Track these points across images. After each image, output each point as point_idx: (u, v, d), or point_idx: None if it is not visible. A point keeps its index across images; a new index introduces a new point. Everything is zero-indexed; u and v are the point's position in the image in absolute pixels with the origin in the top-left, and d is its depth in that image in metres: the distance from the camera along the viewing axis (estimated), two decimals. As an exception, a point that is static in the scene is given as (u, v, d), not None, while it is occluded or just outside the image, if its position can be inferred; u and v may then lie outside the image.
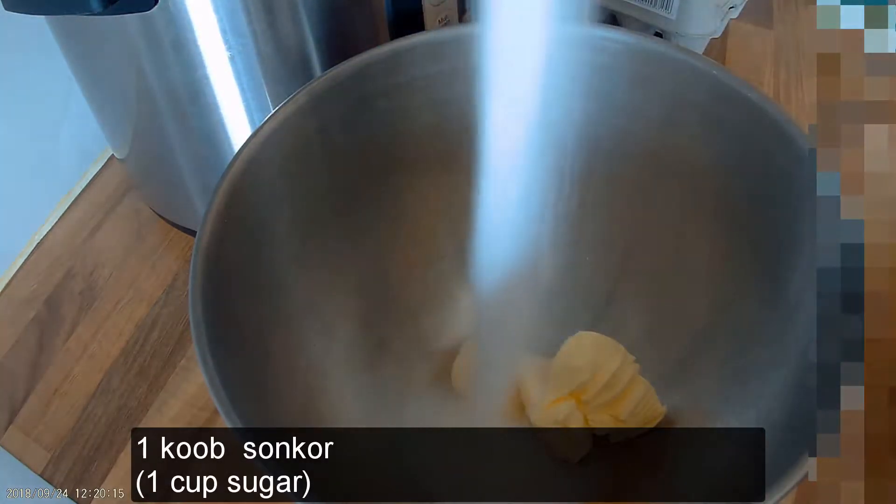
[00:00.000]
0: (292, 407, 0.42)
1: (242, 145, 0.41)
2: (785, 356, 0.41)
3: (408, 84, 0.45)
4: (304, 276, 0.46)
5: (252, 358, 0.40)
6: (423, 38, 0.44)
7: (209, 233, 0.39)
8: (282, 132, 0.42)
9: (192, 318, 0.36)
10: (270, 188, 0.43)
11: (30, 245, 0.64)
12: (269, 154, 0.42)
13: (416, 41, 0.44)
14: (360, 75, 0.44)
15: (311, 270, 0.46)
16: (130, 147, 0.58)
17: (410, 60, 0.44)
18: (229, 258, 0.40)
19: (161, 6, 0.45)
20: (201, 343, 0.35)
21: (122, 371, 0.58)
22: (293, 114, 0.43)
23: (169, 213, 0.62)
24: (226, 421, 0.33)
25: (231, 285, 0.40)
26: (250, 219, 0.42)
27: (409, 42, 0.44)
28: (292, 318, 0.45)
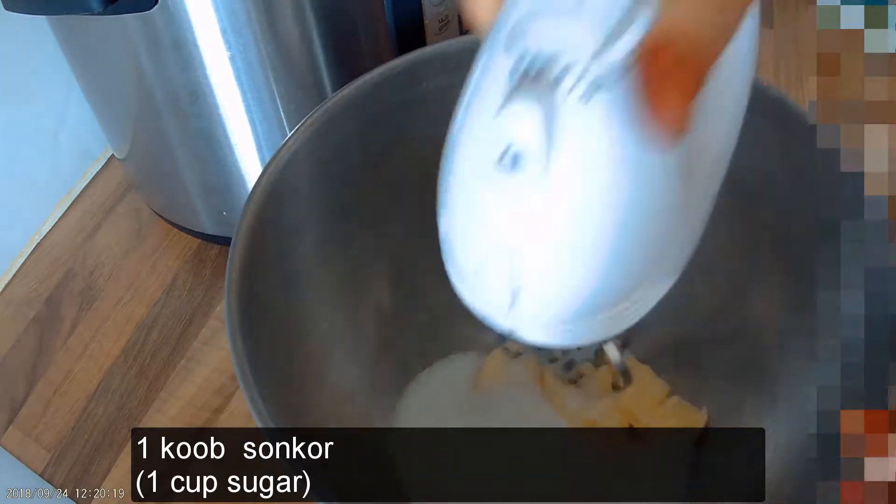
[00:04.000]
0: (321, 413, 0.43)
1: (265, 167, 0.41)
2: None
3: (422, 97, 0.45)
4: (329, 293, 0.46)
5: (283, 374, 0.41)
6: (436, 50, 0.44)
7: (240, 257, 0.39)
8: (303, 152, 0.42)
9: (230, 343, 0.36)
10: (294, 207, 0.43)
11: (30, 245, 0.64)
12: (292, 172, 0.42)
13: (429, 53, 0.44)
14: (378, 88, 0.44)
15: (336, 291, 0.46)
16: (130, 147, 0.58)
17: (424, 74, 0.44)
18: (261, 272, 0.40)
19: (161, 6, 0.45)
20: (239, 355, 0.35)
21: (122, 371, 0.58)
22: (312, 134, 0.42)
23: (169, 213, 0.62)
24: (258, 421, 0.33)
25: (262, 308, 0.40)
26: (276, 244, 0.42)
27: (422, 55, 0.44)
28: (319, 340, 0.45)
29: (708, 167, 0.26)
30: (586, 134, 0.21)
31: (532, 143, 0.21)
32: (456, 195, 0.24)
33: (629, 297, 0.24)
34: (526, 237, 0.22)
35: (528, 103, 0.21)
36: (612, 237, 0.22)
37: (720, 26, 0.21)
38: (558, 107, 0.21)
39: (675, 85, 0.20)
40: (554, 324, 0.24)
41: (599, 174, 0.21)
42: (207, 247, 0.63)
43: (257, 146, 0.53)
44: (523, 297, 0.23)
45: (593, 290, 0.23)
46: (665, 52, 0.21)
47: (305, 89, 0.52)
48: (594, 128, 0.21)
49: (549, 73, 0.21)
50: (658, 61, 0.21)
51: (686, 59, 0.20)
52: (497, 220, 0.23)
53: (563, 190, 0.22)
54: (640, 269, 0.24)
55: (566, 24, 0.21)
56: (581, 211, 0.22)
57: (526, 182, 0.21)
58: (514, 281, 0.23)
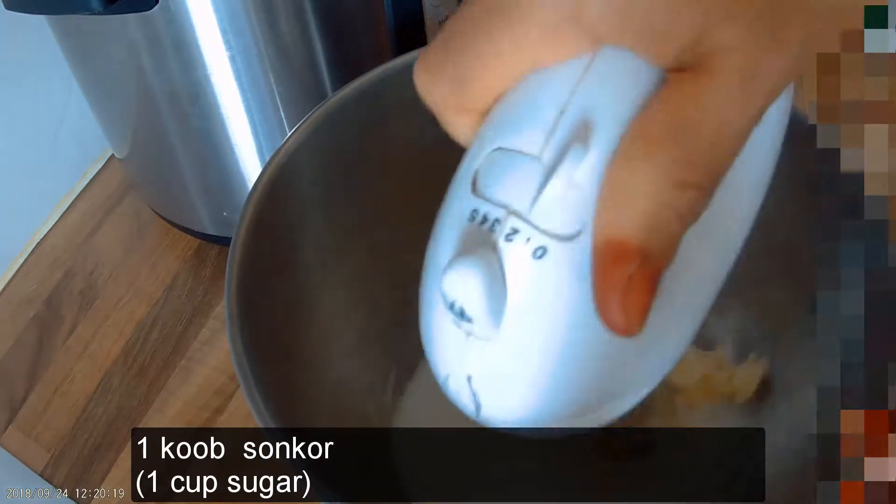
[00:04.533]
0: (321, 413, 0.43)
1: (265, 166, 0.41)
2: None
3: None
4: (329, 293, 0.46)
5: (283, 373, 0.41)
6: None
7: (240, 257, 0.39)
8: (303, 151, 0.42)
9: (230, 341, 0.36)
10: (294, 207, 0.43)
11: (30, 245, 0.64)
12: (291, 172, 0.42)
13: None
14: (378, 88, 0.44)
15: (336, 288, 0.46)
16: (130, 147, 0.58)
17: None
18: (261, 272, 0.40)
19: (161, 6, 0.45)
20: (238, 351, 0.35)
21: (121, 371, 0.58)
22: (312, 133, 0.42)
23: (169, 213, 0.62)
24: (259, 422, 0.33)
25: (262, 308, 0.40)
26: (276, 243, 0.42)
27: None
28: (320, 339, 0.45)
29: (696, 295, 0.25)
30: (535, 288, 0.21)
31: (475, 299, 0.21)
32: (425, 308, 0.24)
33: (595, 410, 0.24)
34: (479, 368, 0.23)
35: (472, 260, 0.21)
36: (562, 375, 0.22)
37: (673, 234, 0.19)
38: (506, 258, 0.21)
39: (625, 303, 0.19)
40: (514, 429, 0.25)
41: (545, 323, 0.21)
42: (207, 247, 0.63)
43: (257, 146, 0.53)
44: (484, 408, 0.24)
45: (540, 411, 0.23)
46: (610, 259, 0.19)
47: (306, 89, 0.52)
48: (545, 283, 0.21)
49: (500, 229, 0.21)
50: (604, 270, 0.20)
51: (640, 270, 0.19)
52: (453, 345, 0.23)
53: (510, 339, 0.22)
54: (604, 390, 0.24)
55: (519, 183, 0.21)
56: (523, 355, 0.22)
57: (473, 328, 0.22)
58: (474, 399, 0.24)
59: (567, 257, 0.21)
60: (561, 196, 0.20)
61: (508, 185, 0.21)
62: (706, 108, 0.18)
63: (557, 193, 0.20)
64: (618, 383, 0.24)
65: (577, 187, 0.20)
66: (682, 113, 0.18)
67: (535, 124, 0.21)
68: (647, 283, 0.19)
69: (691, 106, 0.18)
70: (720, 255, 0.26)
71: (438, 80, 0.22)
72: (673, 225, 0.18)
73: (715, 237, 0.25)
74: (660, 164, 0.18)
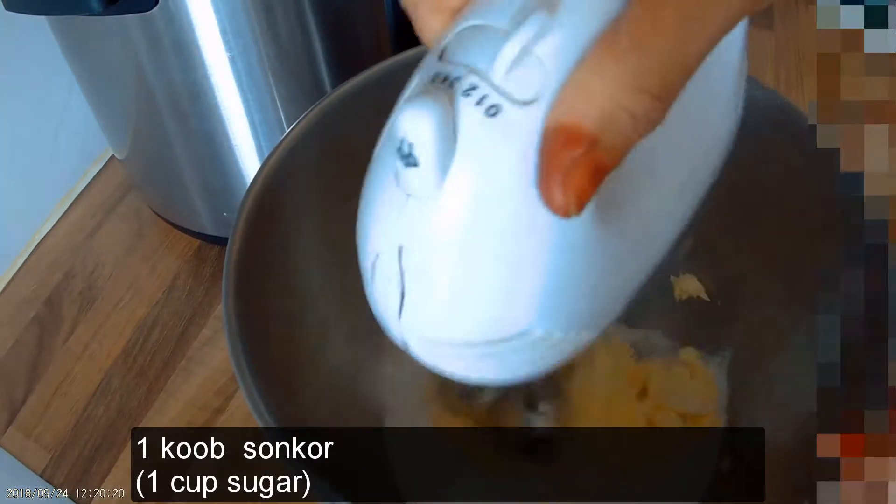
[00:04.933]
0: (321, 409, 0.43)
1: (263, 163, 0.41)
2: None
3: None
4: (326, 290, 0.46)
5: (281, 363, 0.41)
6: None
7: (237, 254, 0.39)
8: (301, 148, 0.42)
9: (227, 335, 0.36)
10: (292, 205, 0.43)
11: (30, 245, 0.64)
12: (289, 169, 0.42)
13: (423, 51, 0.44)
14: (377, 85, 0.44)
15: (334, 287, 0.46)
16: (130, 147, 0.58)
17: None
18: (258, 271, 0.40)
19: (161, 6, 0.45)
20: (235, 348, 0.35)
21: (122, 371, 0.58)
22: (310, 130, 0.42)
23: (169, 214, 0.62)
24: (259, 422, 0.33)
25: (261, 307, 0.40)
26: (273, 242, 0.42)
27: (421, 53, 0.44)
28: (319, 339, 0.45)
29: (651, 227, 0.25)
30: (484, 146, 0.21)
31: (425, 139, 0.20)
32: (366, 192, 0.24)
33: (523, 337, 0.23)
34: (412, 236, 0.22)
35: (428, 99, 0.21)
36: (500, 262, 0.22)
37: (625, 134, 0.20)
38: (460, 111, 0.21)
39: (566, 182, 0.20)
40: (440, 344, 0.24)
41: (493, 193, 0.21)
42: (207, 247, 0.63)
43: (257, 147, 0.53)
44: (408, 302, 0.23)
45: (474, 313, 0.23)
46: (561, 140, 0.20)
47: (305, 90, 0.52)
48: (494, 144, 0.21)
49: (459, 85, 0.21)
50: (552, 148, 0.20)
51: (586, 155, 0.20)
52: (390, 213, 0.23)
53: (452, 197, 0.21)
54: (532, 309, 0.23)
55: (483, 48, 0.21)
56: (467, 224, 0.21)
57: (417, 178, 0.21)
58: (400, 282, 0.23)
59: (519, 122, 0.21)
60: (519, 60, 0.21)
61: (473, 50, 0.22)
62: (665, 26, 0.19)
63: (516, 56, 0.21)
64: (558, 302, 0.23)
65: (536, 57, 0.21)
66: (645, 27, 0.20)
67: (506, 4, 0.22)
68: (590, 169, 0.20)
69: (652, 23, 0.20)
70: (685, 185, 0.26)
71: None
72: (626, 125, 0.20)
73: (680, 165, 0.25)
74: (621, 69, 0.20)
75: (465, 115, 0.21)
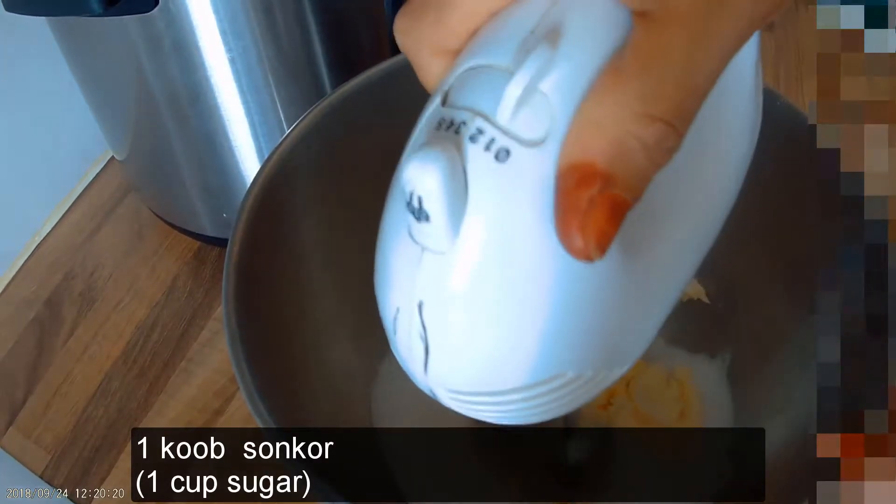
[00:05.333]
0: (321, 409, 0.43)
1: (263, 164, 0.41)
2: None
3: (421, 95, 0.45)
4: (325, 291, 0.46)
5: (281, 363, 0.41)
6: None
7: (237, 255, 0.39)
8: (301, 148, 0.42)
9: (227, 331, 0.36)
10: (292, 205, 0.43)
11: (30, 246, 0.64)
12: (289, 169, 0.42)
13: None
14: (377, 85, 0.44)
15: (331, 286, 0.46)
16: (130, 149, 0.58)
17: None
18: (259, 272, 0.40)
19: (161, 8, 0.45)
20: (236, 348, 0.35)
21: (121, 372, 0.58)
22: (310, 131, 0.42)
23: (169, 215, 0.62)
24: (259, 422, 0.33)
25: (261, 295, 0.40)
26: (273, 242, 0.42)
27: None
28: (319, 339, 0.45)
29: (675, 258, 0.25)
30: (497, 193, 0.20)
31: (434, 193, 0.20)
32: (381, 245, 0.24)
33: (552, 381, 0.23)
34: (431, 290, 0.22)
35: (435, 150, 0.20)
36: (522, 310, 0.21)
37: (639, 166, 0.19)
38: (468, 158, 0.20)
39: (584, 225, 0.19)
40: (469, 394, 0.23)
41: (510, 241, 0.20)
42: (207, 248, 0.63)
43: (257, 148, 0.53)
44: (433, 357, 0.23)
45: (500, 363, 0.22)
46: (574, 180, 0.19)
47: (305, 91, 0.52)
48: (507, 190, 0.20)
49: (465, 130, 0.21)
50: (566, 189, 0.19)
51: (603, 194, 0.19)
52: (407, 267, 0.22)
53: (468, 250, 0.21)
54: (559, 354, 0.22)
55: (487, 90, 0.21)
56: (486, 274, 0.21)
57: (430, 232, 0.21)
58: (424, 336, 0.22)
59: (531, 164, 0.20)
60: (524, 99, 0.20)
61: (477, 93, 0.21)
62: (671, 48, 0.19)
63: (521, 95, 0.20)
64: (580, 347, 0.23)
65: (542, 94, 0.20)
66: (650, 51, 0.19)
67: (506, 42, 0.21)
68: (608, 208, 0.19)
69: (658, 46, 0.19)
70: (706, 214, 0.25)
71: (419, 17, 0.23)
72: (639, 156, 0.19)
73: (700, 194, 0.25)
74: (628, 97, 0.19)
75: (473, 162, 0.20)
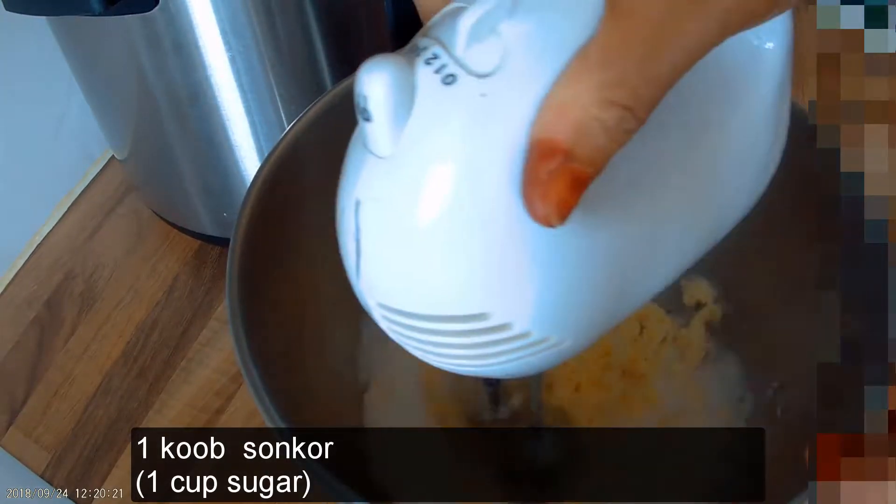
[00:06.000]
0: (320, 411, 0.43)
1: (264, 161, 0.41)
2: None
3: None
4: (327, 289, 0.46)
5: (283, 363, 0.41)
6: None
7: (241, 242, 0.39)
8: (301, 145, 0.42)
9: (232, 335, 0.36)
10: (293, 200, 0.43)
11: (30, 246, 0.64)
12: (290, 166, 0.42)
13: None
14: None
15: (334, 283, 0.46)
16: (130, 148, 0.58)
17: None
18: (261, 271, 0.40)
19: (162, 7, 0.45)
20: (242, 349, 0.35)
21: (122, 372, 0.58)
22: (310, 128, 0.42)
23: (169, 215, 0.62)
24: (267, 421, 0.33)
25: (264, 293, 0.40)
26: (278, 232, 0.42)
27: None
28: (323, 336, 0.45)
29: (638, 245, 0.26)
30: (439, 111, 0.22)
31: (378, 95, 0.21)
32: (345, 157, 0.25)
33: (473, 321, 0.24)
34: (367, 190, 0.23)
35: (387, 59, 0.22)
36: (448, 231, 0.22)
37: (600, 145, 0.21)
38: (418, 76, 0.22)
39: (545, 193, 0.21)
40: (394, 311, 0.24)
41: (446, 160, 0.22)
42: (208, 248, 0.63)
43: (258, 147, 0.53)
44: (364, 259, 0.24)
45: (421, 279, 0.23)
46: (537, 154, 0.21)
47: (306, 90, 0.52)
48: (449, 110, 0.22)
49: (424, 54, 0.22)
50: (532, 163, 0.21)
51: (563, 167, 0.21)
52: (353, 169, 0.24)
53: (405, 156, 0.22)
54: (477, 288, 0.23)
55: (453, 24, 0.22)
56: (419, 184, 0.22)
57: (372, 133, 0.22)
58: (356, 237, 0.24)
59: (473, 92, 0.22)
60: (480, 35, 0.22)
61: (446, 26, 0.23)
62: (634, 41, 0.21)
63: (472, 28, 0.22)
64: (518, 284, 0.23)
65: (497, 34, 0.22)
66: (614, 42, 0.21)
67: None
68: (568, 180, 0.21)
69: (622, 37, 0.21)
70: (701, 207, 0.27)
71: None
72: (599, 135, 0.21)
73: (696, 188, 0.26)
74: (592, 82, 0.21)
75: (423, 80, 0.22)
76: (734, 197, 0.28)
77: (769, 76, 0.27)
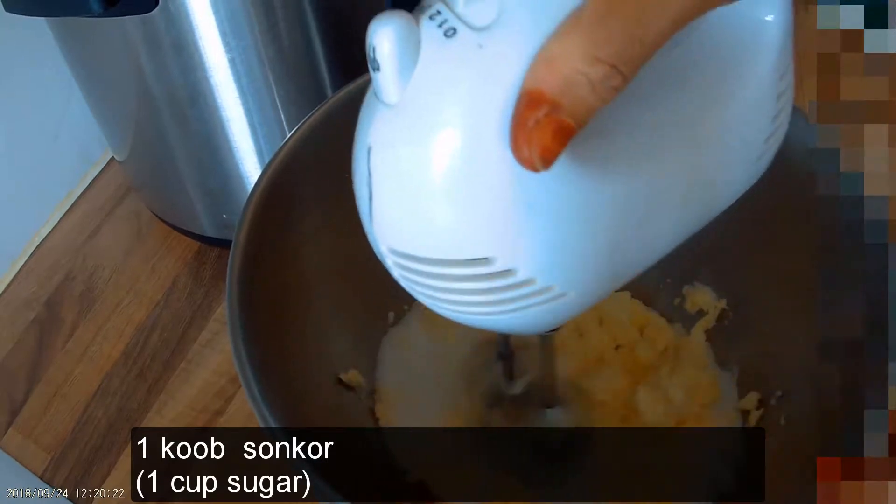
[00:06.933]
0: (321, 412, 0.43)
1: (265, 167, 0.42)
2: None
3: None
4: (328, 293, 0.46)
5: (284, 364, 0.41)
6: None
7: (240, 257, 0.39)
8: (303, 151, 0.42)
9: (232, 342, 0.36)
10: (294, 206, 0.43)
11: (30, 247, 0.64)
12: (292, 172, 0.42)
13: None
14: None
15: (338, 289, 0.47)
16: (130, 149, 0.58)
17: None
18: (261, 274, 0.40)
19: (161, 8, 0.45)
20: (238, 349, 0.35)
21: (121, 373, 0.58)
22: (312, 134, 0.42)
23: (169, 216, 0.62)
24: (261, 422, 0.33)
25: (264, 297, 0.40)
26: (277, 243, 0.42)
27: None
28: (321, 337, 0.45)
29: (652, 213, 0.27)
30: (442, 62, 0.23)
31: (385, 46, 0.23)
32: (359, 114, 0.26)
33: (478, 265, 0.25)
34: (378, 136, 0.25)
35: (395, 14, 0.23)
36: (454, 177, 0.24)
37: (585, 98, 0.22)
38: (423, 30, 0.23)
39: (530, 139, 0.22)
40: (405, 257, 0.26)
41: (449, 108, 0.23)
42: (207, 249, 0.63)
43: (257, 149, 0.53)
44: (375, 204, 0.25)
45: (425, 220, 0.24)
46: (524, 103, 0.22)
47: (306, 92, 0.52)
48: (451, 61, 0.23)
49: (429, 11, 0.24)
50: (520, 111, 0.23)
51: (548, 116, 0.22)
52: (366, 118, 0.25)
53: (411, 103, 0.24)
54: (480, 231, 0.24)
55: None
56: (424, 131, 0.24)
57: (380, 82, 0.24)
58: (369, 181, 0.25)
59: (471, 43, 0.23)
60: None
61: None
62: (625, 4, 0.22)
63: None
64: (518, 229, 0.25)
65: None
66: (605, 4, 0.22)
67: None
68: (552, 128, 0.22)
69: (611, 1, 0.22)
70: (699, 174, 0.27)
71: None
72: (584, 90, 0.22)
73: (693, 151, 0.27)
74: (582, 40, 0.22)
75: (427, 34, 0.23)
76: (734, 169, 0.29)
77: (769, 48, 0.27)
